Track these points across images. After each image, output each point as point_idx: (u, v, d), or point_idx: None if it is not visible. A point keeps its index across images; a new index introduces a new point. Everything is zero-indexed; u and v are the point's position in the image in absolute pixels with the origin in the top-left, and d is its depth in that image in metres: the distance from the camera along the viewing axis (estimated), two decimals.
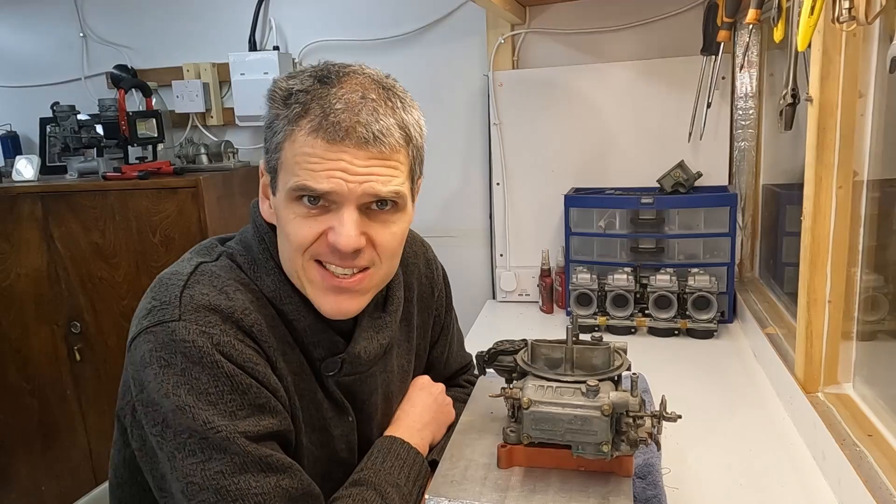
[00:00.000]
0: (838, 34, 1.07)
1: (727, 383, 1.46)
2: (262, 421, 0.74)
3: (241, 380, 0.74)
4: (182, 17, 2.37)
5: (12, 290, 2.19)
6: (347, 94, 0.76)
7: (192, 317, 0.74)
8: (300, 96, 0.76)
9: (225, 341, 0.74)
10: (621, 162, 1.98)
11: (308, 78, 0.78)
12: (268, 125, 0.80)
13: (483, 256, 2.20)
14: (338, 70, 0.79)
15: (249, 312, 0.78)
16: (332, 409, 0.89)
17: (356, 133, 0.75)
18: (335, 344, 0.86)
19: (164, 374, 0.72)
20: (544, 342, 0.91)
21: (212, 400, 0.72)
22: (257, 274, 0.84)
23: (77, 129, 2.18)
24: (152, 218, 2.04)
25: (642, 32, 1.95)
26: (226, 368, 0.73)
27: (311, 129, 0.75)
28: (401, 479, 0.87)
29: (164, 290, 0.78)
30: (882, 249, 1.12)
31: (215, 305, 0.76)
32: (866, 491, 0.89)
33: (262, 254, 0.85)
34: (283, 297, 0.83)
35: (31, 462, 2.33)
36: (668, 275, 1.75)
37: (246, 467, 0.72)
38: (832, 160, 1.12)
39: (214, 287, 0.78)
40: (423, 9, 2.12)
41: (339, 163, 0.75)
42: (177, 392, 0.71)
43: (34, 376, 2.25)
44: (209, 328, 0.74)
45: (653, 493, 0.96)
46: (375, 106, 0.77)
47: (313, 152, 0.75)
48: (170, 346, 0.73)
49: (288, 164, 0.77)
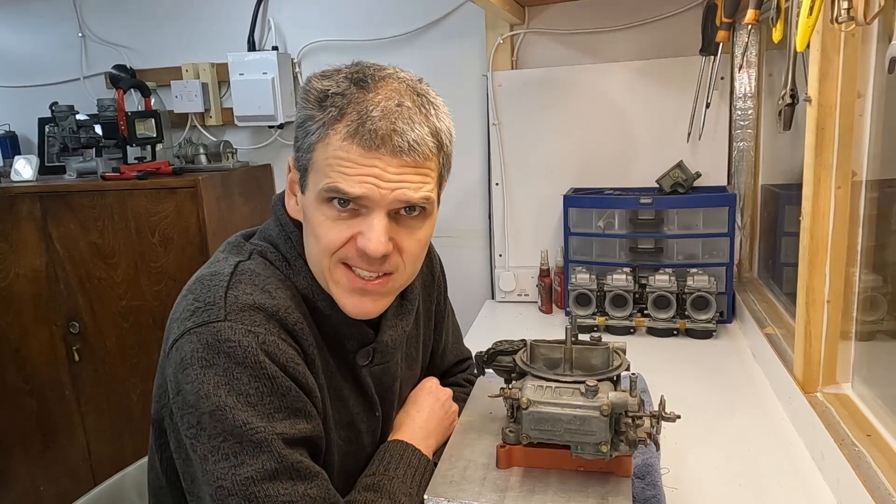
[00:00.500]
0: (837, 34, 1.07)
1: (726, 383, 1.46)
2: (297, 425, 0.75)
3: (281, 382, 0.74)
4: (181, 18, 2.37)
5: (11, 291, 2.19)
6: (384, 102, 0.77)
7: (237, 316, 0.74)
8: (336, 99, 0.77)
9: (270, 340, 0.75)
10: (620, 162, 1.98)
11: (344, 80, 0.79)
12: (299, 124, 0.81)
13: (482, 256, 2.20)
14: (373, 73, 0.80)
15: (292, 311, 0.79)
16: (359, 404, 0.91)
17: (392, 142, 0.76)
18: (366, 335, 0.89)
19: (206, 375, 0.72)
20: (543, 342, 0.91)
21: (252, 401, 0.72)
22: (290, 271, 0.85)
23: (76, 130, 2.18)
24: (151, 218, 2.04)
25: (641, 33, 1.95)
26: (269, 370, 0.73)
27: (348, 134, 0.76)
28: (413, 489, 0.86)
29: (206, 290, 0.78)
30: (881, 249, 1.12)
31: (260, 304, 0.76)
32: (865, 491, 0.89)
33: (289, 251, 0.86)
34: (316, 293, 0.84)
35: (29, 462, 2.33)
36: (667, 275, 1.75)
37: (277, 473, 0.71)
38: (831, 160, 1.12)
39: (257, 286, 0.79)
40: (422, 9, 2.12)
41: (373, 169, 0.76)
42: (217, 392, 0.72)
43: (33, 376, 2.25)
44: (255, 327, 0.74)
45: (652, 494, 0.96)
46: (411, 114, 0.78)
47: (348, 157, 0.76)
48: (214, 346, 0.73)
49: (320, 165, 0.78)
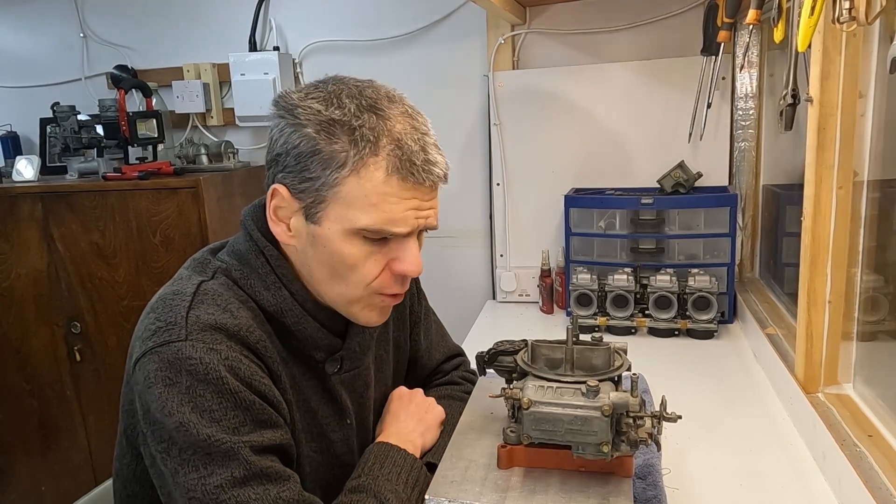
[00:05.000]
0: (838, 34, 1.07)
1: (727, 384, 1.46)
2: (264, 434, 0.75)
3: (244, 396, 0.75)
4: (182, 18, 2.37)
5: (12, 291, 2.20)
6: (410, 131, 0.79)
7: (198, 336, 0.75)
8: (364, 132, 0.77)
9: (233, 356, 0.75)
10: (621, 162, 1.98)
11: (356, 109, 0.78)
12: (308, 153, 0.78)
13: (483, 257, 2.20)
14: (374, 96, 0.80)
15: (253, 329, 0.79)
16: (330, 414, 0.92)
17: (433, 174, 0.80)
18: (335, 344, 0.91)
19: (169, 393, 0.73)
20: (544, 342, 0.91)
21: (216, 417, 0.73)
22: (255, 289, 0.84)
23: (77, 130, 2.18)
24: (152, 218, 2.04)
25: (642, 33, 1.95)
26: (230, 385, 0.74)
27: (391, 168, 0.77)
28: (399, 486, 0.86)
29: (168, 310, 0.78)
30: (882, 250, 1.12)
31: (221, 324, 0.77)
32: (866, 491, 0.89)
33: (261, 268, 0.85)
34: (285, 310, 0.85)
35: (30, 462, 2.33)
36: (668, 275, 1.75)
37: (247, 479, 0.72)
38: (832, 160, 1.12)
39: (219, 306, 0.79)
40: (423, 9, 2.12)
41: (413, 202, 0.79)
42: (181, 410, 0.72)
43: (34, 377, 2.25)
44: (216, 345, 0.75)
45: (653, 494, 0.96)
46: (431, 140, 0.82)
47: (391, 192, 0.77)
48: (175, 364, 0.73)
49: (354, 199, 0.77)
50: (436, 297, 2.32)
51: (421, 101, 0.88)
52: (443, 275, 2.23)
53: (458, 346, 1.25)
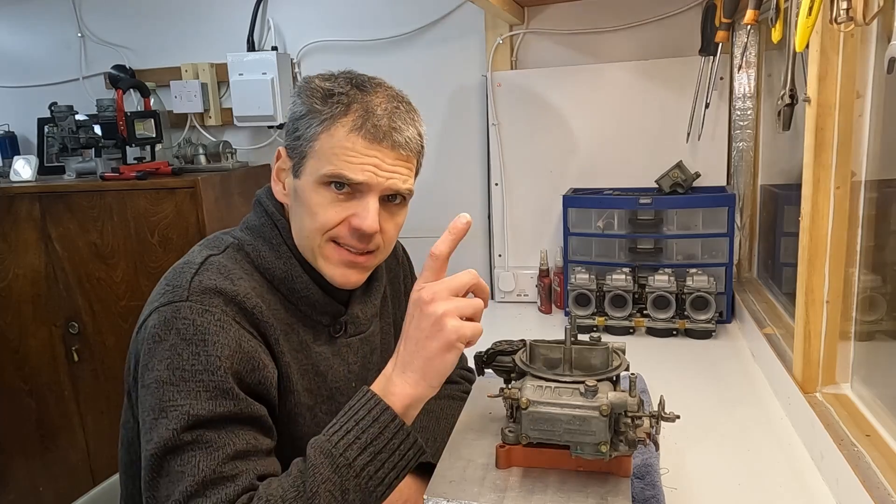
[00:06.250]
0: (836, 35, 1.07)
1: (725, 383, 1.46)
2: (221, 405, 0.77)
3: (216, 362, 0.78)
4: (180, 18, 2.37)
5: (10, 291, 2.19)
6: (384, 103, 0.88)
7: (197, 298, 0.82)
8: (342, 97, 0.87)
9: (224, 319, 0.81)
10: (620, 162, 1.98)
11: (345, 83, 0.89)
12: (300, 116, 0.90)
13: (481, 257, 2.20)
14: (369, 80, 0.91)
15: (251, 297, 0.86)
16: (340, 377, 0.97)
17: (392, 137, 0.87)
18: (338, 310, 0.98)
19: (156, 349, 0.79)
20: (543, 342, 0.91)
21: (185, 376, 0.77)
22: (266, 259, 0.92)
23: (75, 130, 2.18)
24: (150, 218, 2.04)
25: (640, 33, 1.95)
26: (209, 349, 0.79)
27: (354, 127, 0.86)
28: (350, 454, 0.73)
29: (176, 276, 0.86)
30: (880, 250, 1.12)
31: (221, 289, 0.84)
32: (864, 491, 0.89)
33: (274, 238, 0.93)
34: (295, 277, 0.92)
35: (28, 463, 2.32)
36: (666, 275, 1.75)
37: (174, 448, 0.75)
38: (830, 160, 1.12)
39: (222, 274, 0.86)
40: (421, 9, 2.12)
41: (373, 159, 0.87)
42: (159, 367, 0.78)
43: (32, 377, 2.25)
44: (212, 307, 0.81)
45: (651, 494, 0.96)
46: (405, 116, 0.90)
47: (353, 147, 0.86)
48: (169, 322, 0.80)
49: (323, 152, 0.87)
50: None
51: (420, 101, 0.95)
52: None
53: None
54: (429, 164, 2.34)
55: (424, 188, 2.26)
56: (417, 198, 0.98)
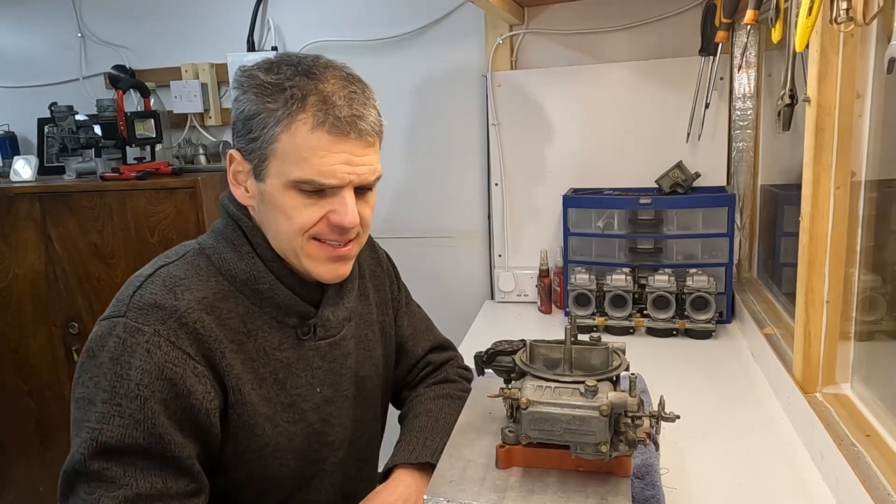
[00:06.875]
0: (836, 35, 1.07)
1: (725, 384, 1.46)
2: (131, 435, 0.77)
3: (135, 391, 0.77)
4: (180, 18, 2.36)
5: (10, 291, 2.19)
6: (340, 89, 0.84)
7: (133, 314, 0.81)
8: (294, 91, 0.83)
9: (154, 341, 0.79)
10: (620, 162, 1.98)
11: (291, 73, 0.84)
12: (250, 116, 0.85)
13: (481, 257, 2.20)
14: (313, 63, 0.86)
15: (193, 311, 0.83)
16: (302, 384, 0.94)
17: (357, 126, 0.84)
18: (308, 313, 0.95)
19: (88, 364, 0.80)
20: (543, 342, 0.91)
21: (105, 398, 0.77)
22: (228, 261, 0.90)
23: (75, 130, 2.18)
24: (150, 218, 2.04)
25: (640, 33, 1.95)
26: (132, 374, 0.77)
27: (316, 122, 0.82)
28: None
29: (125, 289, 0.86)
30: (880, 250, 1.12)
31: (160, 304, 0.82)
32: (864, 491, 0.89)
33: (237, 240, 0.91)
34: (258, 278, 0.90)
35: (28, 463, 2.33)
36: (666, 275, 1.75)
37: (81, 475, 0.77)
38: (830, 161, 1.12)
39: (166, 287, 0.84)
40: (421, 9, 2.12)
41: (343, 155, 0.84)
42: (87, 384, 0.79)
43: (32, 377, 2.25)
44: (145, 325, 0.80)
45: (651, 494, 0.96)
46: (363, 99, 0.86)
47: (319, 145, 0.82)
48: (104, 338, 0.80)
49: (287, 153, 0.83)
50: (435, 297, 2.32)
51: (419, 101, 0.91)
52: (441, 275, 2.23)
53: (447, 338, 1.26)
54: (429, 164, 2.34)
55: (425, 188, 2.27)
56: (418, 198, 0.97)
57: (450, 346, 1.25)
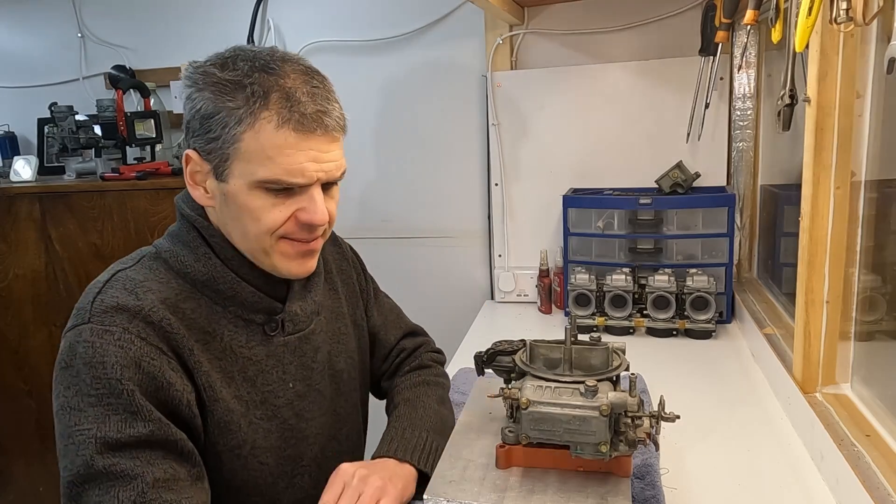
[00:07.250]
0: (836, 35, 1.07)
1: (725, 384, 1.46)
2: (130, 427, 0.76)
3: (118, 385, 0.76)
4: (180, 18, 2.36)
5: (10, 291, 2.19)
6: (301, 85, 0.83)
7: (98, 318, 0.79)
8: (254, 88, 0.81)
9: (125, 338, 0.78)
10: (619, 162, 1.98)
11: (249, 69, 0.82)
12: (209, 114, 0.82)
13: (481, 257, 2.20)
14: (269, 58, 0.84)
15: (157, 310, 0.82)
16: (274, 380, 0.93)
17: (322, 122, 0.83)
18: (274, 308, 0.94)
19: (63, 375, 0.78)
20: (543, 342, 0.91)
21: (91, 402, 0.76)
22: (185, 263, 0.88)
23: (75, 130, 2.18)
24: (150, 218, 2.04)
25: (640, 33, 1.95)
26: (110, 372, 0.76)
27: (281, 120, 0.81)
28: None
29: (84, 297, 0.84)
30: (880, 250, 1.12)
31: (123, 305, 0.81)
32: (864, 491, 0.89)
33: (193, 241, 0.89)
34: (217, 277, 0.88)
35: (28, 463, 2.32)
36: (666, 275, 1.75)
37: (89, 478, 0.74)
38: (830, 161, 1.12)
39: (126, 289, 0.83)
40: (421, 9, 2.12)
41: (310, 153, 0.83)
42: (66, 393, 0.77)
43: (32, 377, 2.25)
44: (112, 327, 0.79)
45: (651, 494, 0.96)
46: (325, 94, 0.85)
47: (285, 143, 0.81)
48: (73, 347, 0.78)
49: (252, 153, 0.82)
50: (434, 297, 2.32)
51: (419, 101, 0.90)
52: (441, 275, 2.23)
53: (417, 325, 1.27)
54: (429, 164, 2.34)
55: (425, 188, 2.27)
56: (418, 198, 0.97)
57: (421, 332, 1.26)
